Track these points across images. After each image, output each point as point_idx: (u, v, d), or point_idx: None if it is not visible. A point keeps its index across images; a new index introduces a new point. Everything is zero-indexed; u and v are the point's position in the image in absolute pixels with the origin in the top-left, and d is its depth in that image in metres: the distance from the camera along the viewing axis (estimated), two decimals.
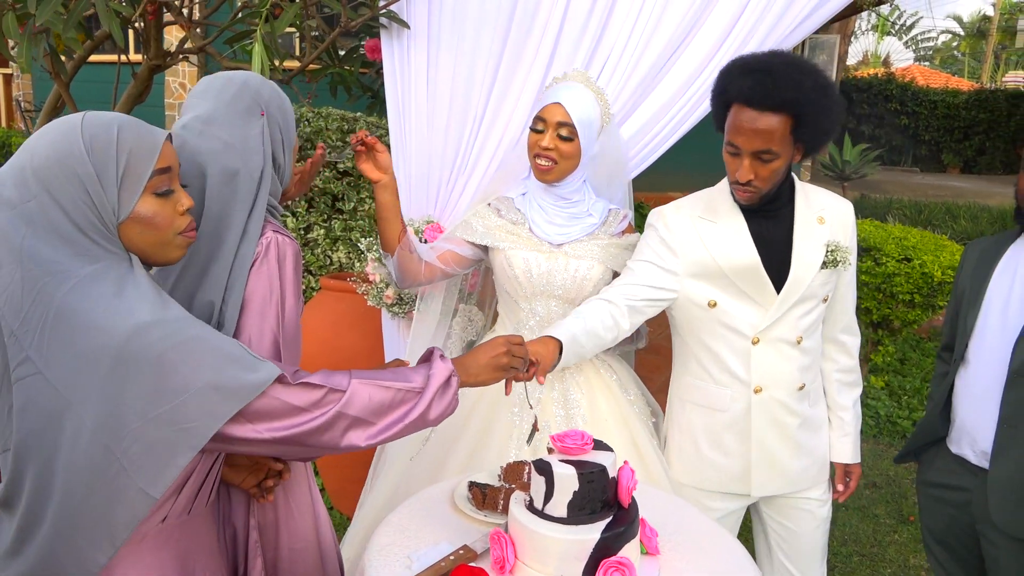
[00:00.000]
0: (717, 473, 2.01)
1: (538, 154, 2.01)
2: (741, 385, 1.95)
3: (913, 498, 3.75)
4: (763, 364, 1.93)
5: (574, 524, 1.32)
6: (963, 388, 1.98)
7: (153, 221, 1.22)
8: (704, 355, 1.98)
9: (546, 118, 2.00)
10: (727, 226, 1.93)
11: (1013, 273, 1.93)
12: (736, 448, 1.98)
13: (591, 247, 2.07)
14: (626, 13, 2.28)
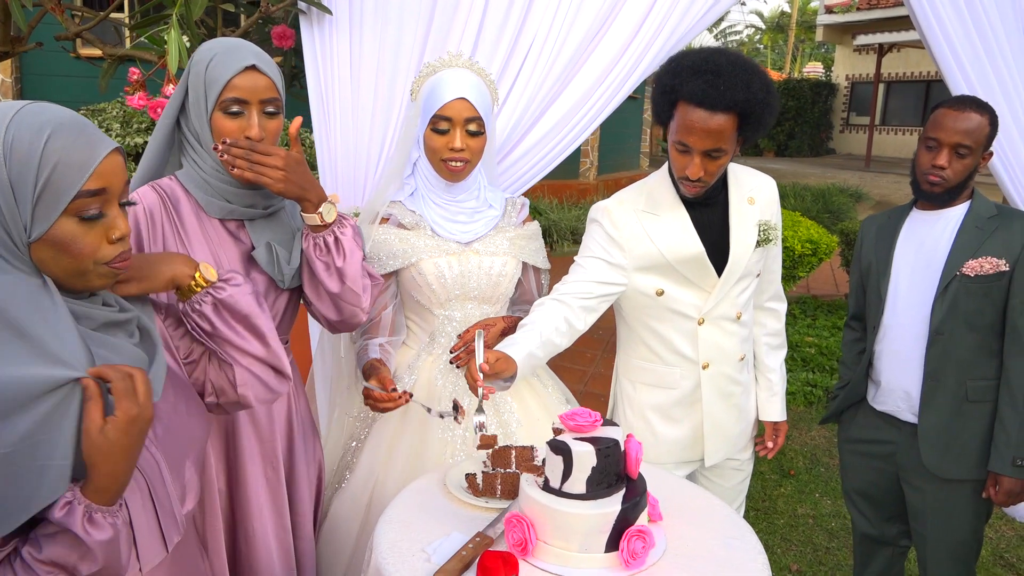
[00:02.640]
0: (670, 447, 2.09)
1: (450, 157, 1.88)
2: (689, 363, 2.03)
3: (791, 454, 4.09)
4: (709, 342, 2.02)
5: (594, 499, 1.35)
6: (885, 351, 2.19)
7: (70, 248, 1.05)
8: (652, 338, 2.03)
9: (452, 117, 1.86)
10: (671, 219, 1.97)
11: (916, 242, 2.15)
12: (688, 422, 2.07)
13: (500, 241, 1.99)
14: (547, 1, 2.32)
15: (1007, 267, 2.02)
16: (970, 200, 2.12)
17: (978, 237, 2.05)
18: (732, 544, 1.44)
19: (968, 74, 2.87)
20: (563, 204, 9.05)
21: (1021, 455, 2.02)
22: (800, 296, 6.64)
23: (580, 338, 2.13)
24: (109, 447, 1.01)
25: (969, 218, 2.08)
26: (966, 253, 2.04)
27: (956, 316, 2.05)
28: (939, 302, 2.06)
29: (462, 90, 1.86)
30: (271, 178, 1.52)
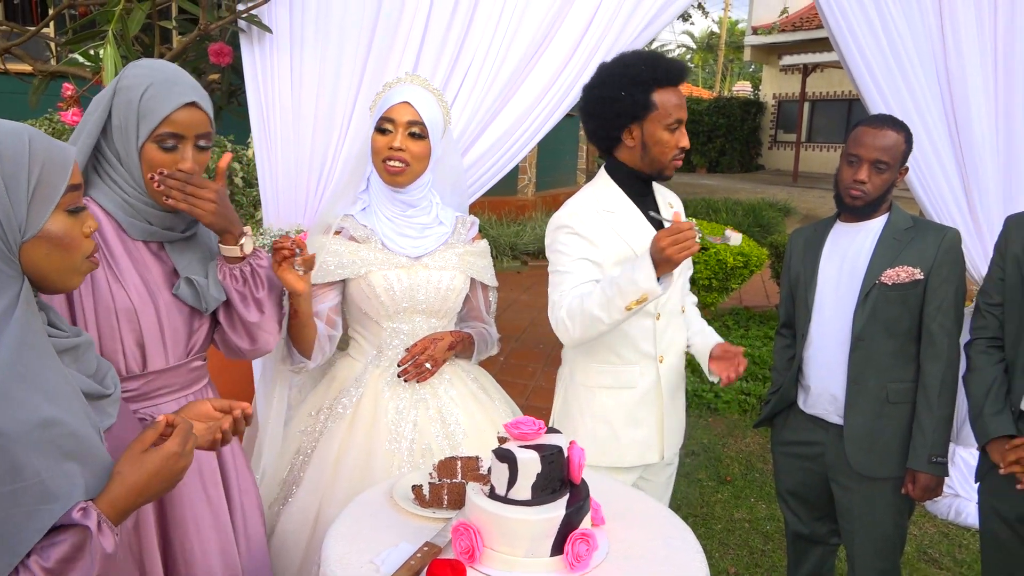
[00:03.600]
0: (633, 448, 2.12)
1: (388, 156, 1.92)
2: (648, 360, 2.09)
3: (727, 460, 4.21)
4: (664, 336, 2.11)
5: (539, 504, 1.39)
6: (813, 358, 2.29)
7: (64, 241, 1.12)
8: (616, 338, 2.05)
9: (394, 118, 1.92)
10: (627, 216, 2.05)
11: (840, 254, 2.26)
12: (649, 419, 2.12)
13: (449, 257, 2.03)
14: (487, 19, 2.38)
15: (922, 275, 2.13)
16: (888, 212, 2.23)
17: (895, 248, 2.16)
18: (672, 544, 1.50)
19: (884, 94, 3.04)
20: (502, 220, 9.12)
21: (936, 453, 2.13)
22: (733, 308, 6.83)
23: (521, 351, 2.18)
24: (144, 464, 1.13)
25: (887, 230, 2.20)
26: (884, 263, 2.15)
27: (876, 323, 2.16)
28: (860, 310, 2.17)
29: (408, 96, 1.94)
30: (203, 210, 1.57)
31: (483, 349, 2.16)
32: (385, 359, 2.01)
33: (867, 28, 2.93)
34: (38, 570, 1.04)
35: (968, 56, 3.04)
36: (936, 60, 3.07)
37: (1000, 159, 3.20)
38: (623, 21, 2.49)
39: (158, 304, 1.57)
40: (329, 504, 1.87)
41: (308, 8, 2.24)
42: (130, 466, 1.12)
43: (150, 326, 1.56)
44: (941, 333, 2.14)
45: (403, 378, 1.98)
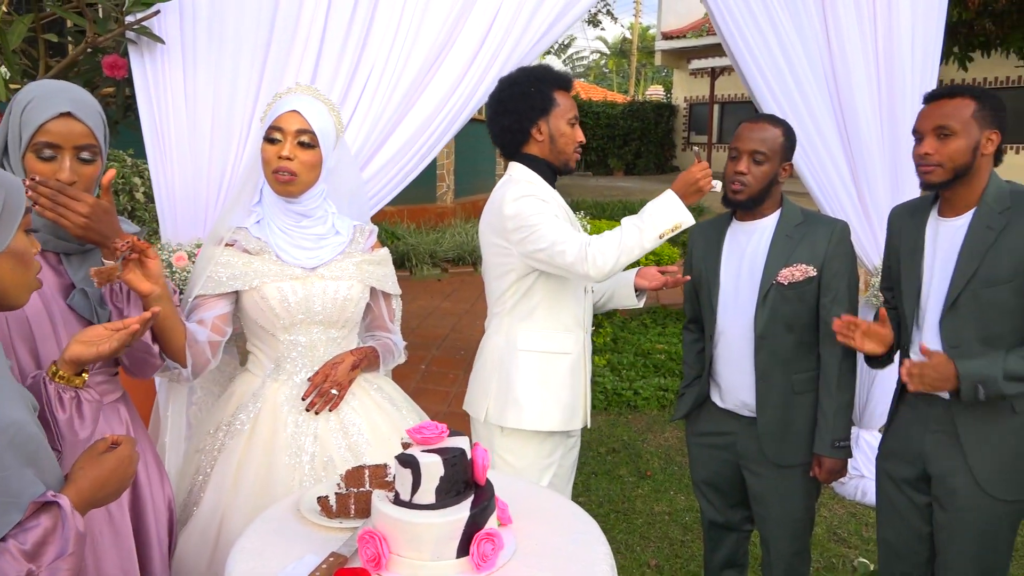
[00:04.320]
0: (562, 412, 2.30)
1: (278, 166, 1.90)
2: (580, 329, 2.33)
3: (646, 456, 4.30)
4: (589, 309, 2.38)
5: (443, 507, 1.40)
6: (721, 356, 2.36)
7: (24, 257, 1.21)
8: (558, 306, 2.28)
9: (283, 127, 1.90)
10: (557, 200, 2.28)
11: (738, 254, 2.33)
12: (577, 386, 2.32)
13: (346, 266, 2.02)
14: (385, 27, 2.39)
15: (815, 272, 2.22)
16: (780, 208, 2.32)
17: (789, 246, 2.24)
18: (577, 539, 1.53)
19: (776, 94, 3.17)
20: (421, 228, 9.10)
21: (839, 437, 2.23)
22: (651, 306, 6.98)
23: (442, 358, 2.24)
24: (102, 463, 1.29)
25: (780, 227, 2.27)
26: (779, 263, 2.23)
27: (776, 321, 2.24)
28: (760, 310, 2.25)
29: (296, 105, 1.91)
30: (71, 221, 1.55)
31: (389, 359, 2.16)
32: (283, 372, 1.99)
33: (757, 32, 3.06)
34: (16, 552, 1.13)
35: (852, 57, 3.20)
36: (823, 61, 3.23)
37: (886, 153, 3.39)
38: (522, 28, 2.53)
39: (52, 313, 1.56)
40: (229, 522, 1.84)
41: (200, 18, 2.20)
42: (90, 463, 1.28)
43: (44, 336, 1.55)
44: None
45: (311, 411, 1.95)
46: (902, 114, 3.32)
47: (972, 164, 1.97)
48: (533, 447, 2.33)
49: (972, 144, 1.95)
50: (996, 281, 1.93)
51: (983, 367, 1.91)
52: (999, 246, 1.92)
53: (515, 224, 2.16)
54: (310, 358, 1.98)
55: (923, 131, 2.02)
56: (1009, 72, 14.32)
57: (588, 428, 2.49)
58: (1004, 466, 2.00)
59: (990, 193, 1.97)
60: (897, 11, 3.18)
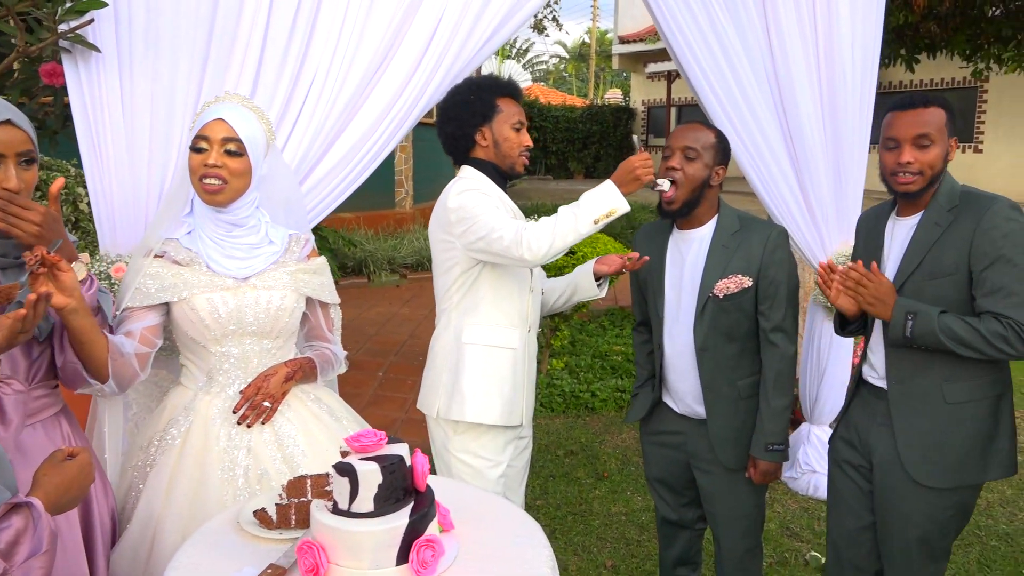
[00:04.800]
0: (503, 406, 2.33)
1: (205, 174, 1.87)
2: (524, 326, 2.39)
3: (604, 457, 4.33)
4: (533, 309, 2.44)
5: (382, 515, 1.39)
6: (669, 365, 2.39)
7: None
8: (503, 301, 2.34)
9: (209, 135, 1.87)
10: (503, 199, 2.34)
11: (678, 267, 2.35)
12: (516, 381, 2.37)
13: (280, 276, 1.99)
14: (327, 34, 2.38)
15: (751, 282, 2.24)
16: (716, 216, 2.32)
17: (725, 256, 2.25)
18: (519, 542, 1.54)
19: (721, 99, 3.22)
20: (379, 235, 9.05)
21: (772, 441, 2.26)
22: (608, 308, 7.04)
23: (400, 365, 2.27)
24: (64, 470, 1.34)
25: (716, 237, 2.28)
26: (715, 274, 2.25)
27: (716, 332, 2.27)
28: (699, 322, 2.28)
29: (223, 113, 1.89)
30: (24, 231, 1.54)
31: (328, 370, 2.13)
32: (216, 385, 1.95)
33: (700, 37, 3.10)
34: None
35: (793, 60, 3.26)
36: (765, 65, 3.28)
37: (829, 153, 3.45)
38: (467, 32, 2.54)
39: None
40: (161, 539, 1.81)
41: (136, 26, 2.17)
42: (53, 470, 1.33)
43: None
44: (774, 330, 2.26)
45: (243, 424, 1.92)
46: (843, 115, 3.39)
47: (943, 171, 2.05)
48: (485, 445, 2.36)
49: (944, 152, 2.03)
50: (938, 274, 2.01)
51: (922, 306, 1.98)
52: (943, 242, 2.00)
53: (457, 216, 2.21)
54: (243, 370, 1.96)
55: (901, 139, 2.04)
56: (954, 73, 14.71)
57: (547, 431, 2.52)
58: (931, 454, 2.06)
59: (942, 193, 2.04)
60: (836, 15, 3.25)
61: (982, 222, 1.95)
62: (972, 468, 2.06)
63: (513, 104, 2.37)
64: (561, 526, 3.60)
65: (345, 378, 5.29)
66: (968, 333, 1.94)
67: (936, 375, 2.06)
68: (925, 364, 2.07)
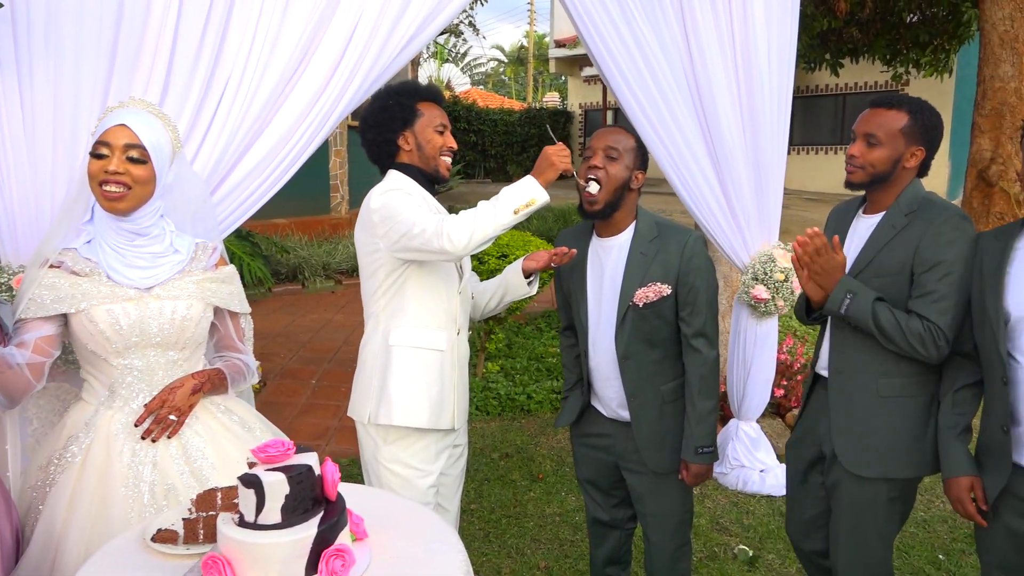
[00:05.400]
0: (430, 408, 2.30)
1: (105, 180, 1.81)
2: (453, 328, 2.37)
3: (539, 459, 4.34)
4: (462, 311, 2.41)
5: (290, 526, 1.37)
6: (594, 372, 2.41)
7: None
8: (430, 301, 2.31)
9: (111, 142, 1.82)
10: (429, 200, 2.33)
11: (598, 275, 2.36)
12: (444, 383, 2.34)
13: (185, 285, 1.94)
14: (240, 38, 2.34)
15: (669, 290, 2.26)
16: (635, 222, 2.33)
17: (643, 264, 2.27)
18: (433, 548, 1.53)
19: (643, 105, 3.27)
20: (314, 240, 8.92)
21: (701, 444, 2.30)
22: (545, 310, 7.08)
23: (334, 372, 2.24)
24: None
25: (634, 244, 2.30)
26: (634, 283, 2.26)
27: (637, 340, 2.29)
28: (620, 331, 2.29)
29: (125, 119, 1.84)
30: None
31: (239, 381, 2.08)
32: (118, 399, 1.90)
33: (620, 44, 3.14)
34: None
35: (711, 64, 3.33)
36: (685, 70, 3.35)
37: (749, 155, 3.54)
38: (385, 36, 2.52)
39: None
40: (63, 559, 1.74)
41: (35, 27, 2.09)
42: None
43: None
44: (695, 336, 2.29)
45: (147, 439, 1.86)
46: (762, 116, 3.48)
47: (892, 173, 2.13)
48: (415, 454, 2.33)
49: (895, 155, 2.11)
50: (884, 273, 2.11)
51: (863, 289, 2.08)
52: (894, 243, 2.10)
53: (380, 216, 2.20)
54: (148, 383, 1.90)
55: (857, 133, 2.18)
56: (876, 77, 15.24)
57: (482, 435, 2.51)
58: (861, 444, 2.17)
59: (904, 197, 2.14)
60: (752, 20, 3.33)
61: (931, 228, 2.05)
62: (902, 461, 2.14)
63: (434, 108, 2.37)
64: (495, 529, 3.60)
65: (278, 387, 5.25)
66: (891, 325, 2.04)
67: (874, 369, 2.14)
68: (864, 357, 2.15)
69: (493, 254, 4.84)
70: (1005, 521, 1.95)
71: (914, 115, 2.13)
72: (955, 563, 3.29)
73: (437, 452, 2.38)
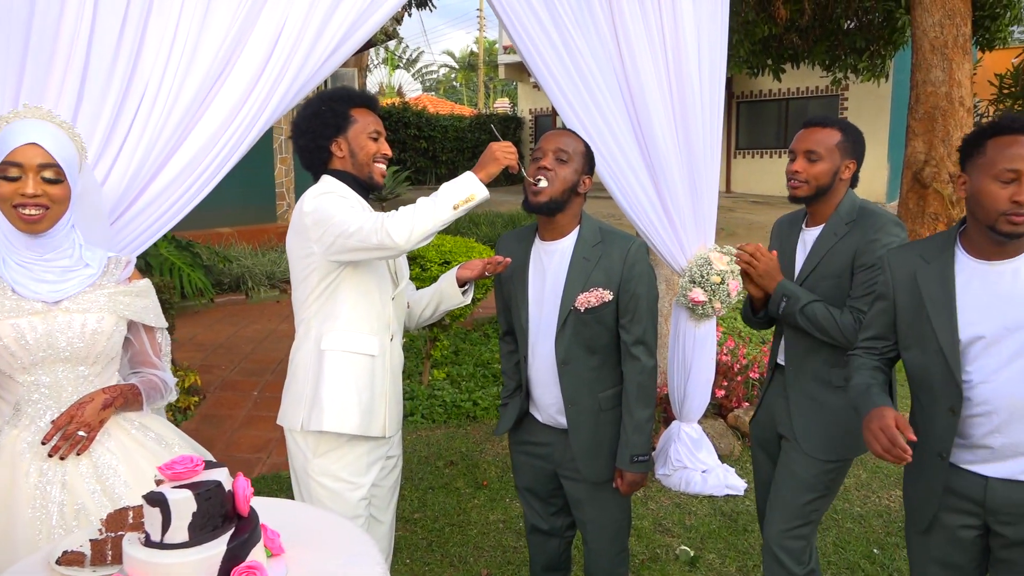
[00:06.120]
0: (361, 414, 2.27)
1: (22, 203, 1.75)
2: (385, 333, 2.35)
3: (484, 466, 4.33)
4: (397, 316, 2.40)
5: (198, 544, 1.33)
6: (534, 376, 2.40)
7: None
8: (363, 306, 2.29)
9: (22, 162, 1.75)
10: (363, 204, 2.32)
11: (540, 279, 2.36)
12: (376, 388, 2.31)
13: (96, 297, 1.89)
14: (159, 44, 2.28)
15: (611, 296, 2.27)
16: (579, 227, 2.34)
17: (585, 269, 2.28)
18: (353, 561, 1.51)
19: (576, 110, 3.28)
20: (258, 250, 8.78)
21: (636, 453, 2.31)
22: (492, 316, 7.06)
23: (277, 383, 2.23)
24: None
25: (577, 249, 2.30)
26: (576, 287, 2.27)
27: (578, 345, 2.29)
28: (560, 335, 2.29)
29: (35, 136, 1.77)
30: None
31: (155, 397, 2.02)
32: (24, 417, 1.83)
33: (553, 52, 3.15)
34: None
35: (644, 70, 3.37)
36: (618, 77, 3.37)
37: (683, 160, 3.58)
38: (310, 43, 2.48)
39: None
40: None
41: None
42: None
43: None
44: (635, 343, 2.30)
45: (55, 456, 1.79)
46: (694, 121, 3.52)
47: (831, 185, 2.34)
48: (346, 466, 2.29)
49: (834, 168, 2.33)
50: (828, 276, 2.33)
51: (798, 290, 2.34)
52: (836, 249, 2.31)
53: (313, 219, 2.17)
54: (56, 400, 1.84)
55: (796, 151, 2.37)
56: (818, 83, 15.61)
57: (427, 443, 2.49)
58: (816, 429, 2.37)
59: (843, 208, 2.35)
60: (682, 24, 3.38)
61: (868, 233, 2.25)
62: (851, 444, 2.36)
63: (368, 114, 2.35)
64: (438, 538, 3.58)
65: (219, 399, 5.15)
66: (826, 320, 2.27)
67: (823, 360, 2.36)
68: (814, 350, 2.37)
69: (435, 260, 4.82)
70: (944, 522, 1.96)
71: (845, 132, 2.37)
72: (889, 556, 3.36)
73: (368, 464, 2.34)
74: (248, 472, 4.22)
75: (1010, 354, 1.80)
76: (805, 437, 2.38)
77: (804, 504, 2.39)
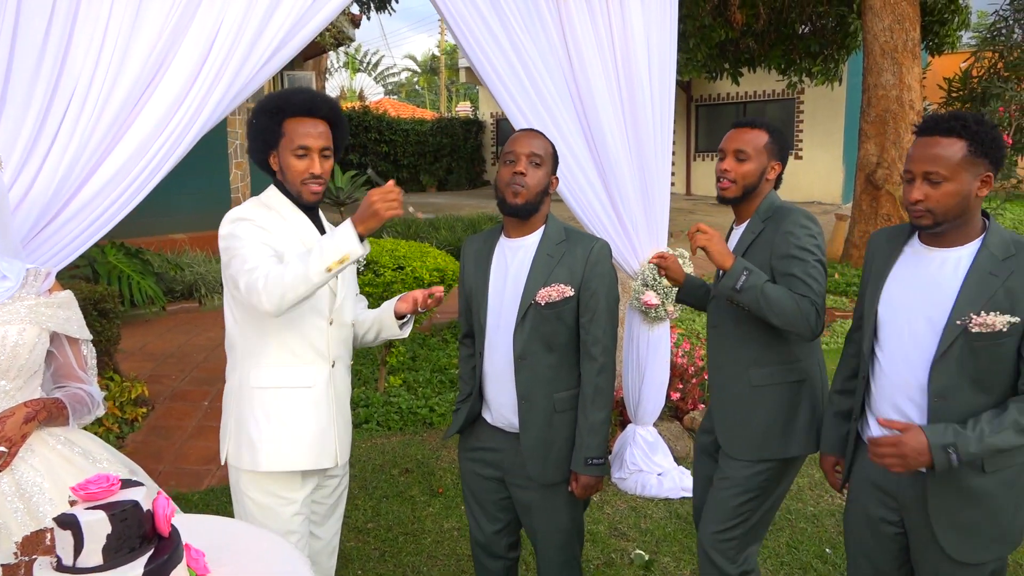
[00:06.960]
0: (308, 449, 2.19)
1: None
2: (323, 361, 2.21)
3: (440, 473, 4.28)
4: (335, 342, 2.24)
5: (113, 567, 1.28)
6: (488, 375, 2.37)
7: None
8: (291, 338, 2.15)
9: None
10: (297, 221, 2.19)
11: (503, 273, 2.34)
12: (322, 421, 2.21)
13: (16, 309, 1.83)
14: (87, 46, 2.21)
15: (572, 292, 2.26)
16: (544, 226, 2.34)
17: (549, 265, 2.27)
18: None
19: (526, 114, 3.26)
20: (212, 256, 8.62)
21: (591, 455, 2.28)
22: (451, 320, 7.02)
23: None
24: None
25: (541, 246, 2.30)
26: (538, 282, 2.26)
27: (536, 341, 2.27)
28: (519, 329, 2.27)
29: None
30: None
31: (81, 412, 1.95)
32: None
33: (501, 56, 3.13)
34: None
35: (593, 74, 3.36)
36: (567, 80, 3.36)
37: (633, 163, 3.58)
38: (247, 47, 2.43)
39: None
40: None
41: None
42: None
43: None
44: (593, 343, 2.28)
45: None
46: (644, 125, 3.52)
47: (757, 185, 2.39)
48: (276, 480, 2.20)
49: (761, 168, 2.38)
50: None
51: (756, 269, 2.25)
52: (755, 244, 2.37)
53: (224, 244, 2.10)
54: None
55: (726, 150, 2.41)
56: (774, 86, 15.83)
57: (382, 451, 2.42)
58: (737, 430, 2.39)
59: (762, 207, 2.40)
60: (631, 28, 3.37)
61: (781, 227, 2.31)
62: (774, 444, 2.36)
63: (305, 124, 2.12)
64: (392, 548, 3.52)
65: (168, 410, 5.04)
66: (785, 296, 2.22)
67: (744, 360, 2.38)
68: (736, 350, 2.40)
69: (389, 266, 4.77)
70: (862, 504, 2.14)
71: (772, 134, 2.41)
72: (840, 556, 3.38)
73: (304, 479, 2.25)
74: (197, 485, 4.12)
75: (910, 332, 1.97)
76: (728, 439, 2.41)
77: (736, 506, 2.39)
